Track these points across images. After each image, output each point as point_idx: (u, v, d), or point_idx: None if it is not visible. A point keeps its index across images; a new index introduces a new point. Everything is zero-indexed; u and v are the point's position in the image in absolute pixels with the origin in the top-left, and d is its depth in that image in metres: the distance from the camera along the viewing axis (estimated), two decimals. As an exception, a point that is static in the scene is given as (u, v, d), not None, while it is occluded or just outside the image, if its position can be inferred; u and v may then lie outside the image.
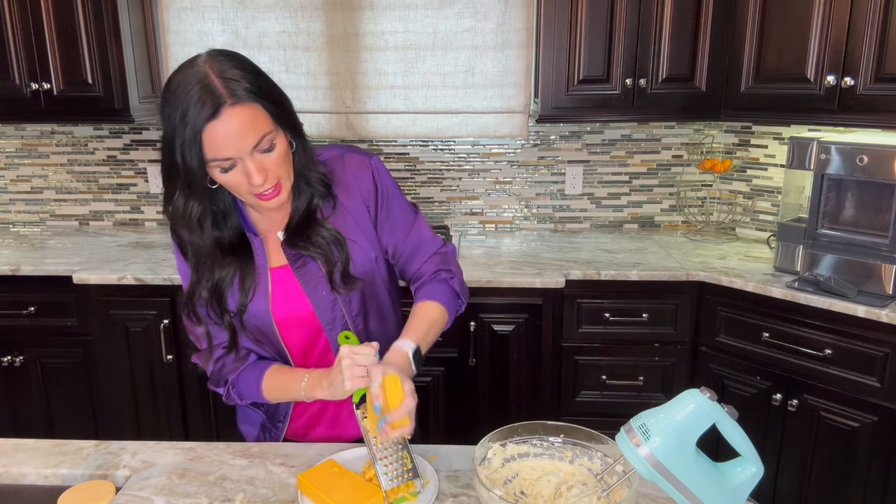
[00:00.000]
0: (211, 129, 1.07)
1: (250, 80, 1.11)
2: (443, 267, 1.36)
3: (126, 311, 2.39)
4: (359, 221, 1.31)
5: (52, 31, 2.51)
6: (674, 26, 2.42)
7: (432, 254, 1.37)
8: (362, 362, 1.15)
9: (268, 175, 1.13)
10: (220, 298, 1.26)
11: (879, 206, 2.10)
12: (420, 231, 1.37)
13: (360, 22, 2.73)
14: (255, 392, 1.30)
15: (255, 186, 1.13)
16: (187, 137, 1.07)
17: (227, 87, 1.08)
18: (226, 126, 1.07)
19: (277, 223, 1.29)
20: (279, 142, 1.14)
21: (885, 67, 2.05)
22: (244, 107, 1.08)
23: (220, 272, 1.25)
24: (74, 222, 3.12)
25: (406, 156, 2.94)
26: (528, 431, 1.19)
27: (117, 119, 2.63)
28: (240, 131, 1.08)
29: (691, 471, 0.93)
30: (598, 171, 2.93)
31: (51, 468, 1.24)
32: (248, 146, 1.10)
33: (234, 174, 1.12)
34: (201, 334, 1.31)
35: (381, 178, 1.33)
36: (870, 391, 2.01)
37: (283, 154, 1.15)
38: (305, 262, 1.28)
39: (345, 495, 1.11)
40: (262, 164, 1.13)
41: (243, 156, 1.10)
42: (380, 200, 1.32)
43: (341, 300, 1.29)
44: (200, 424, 2.50)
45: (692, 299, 2.37)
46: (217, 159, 1.10)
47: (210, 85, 1.07)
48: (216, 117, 1.07)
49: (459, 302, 1.37)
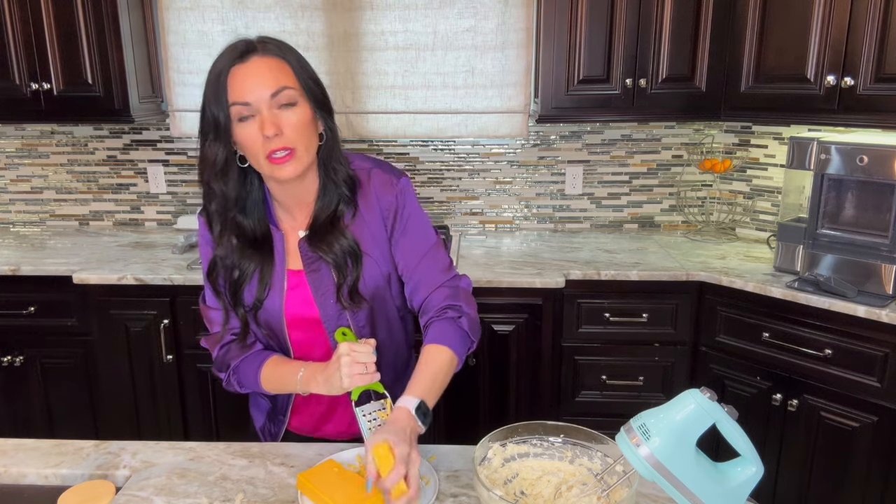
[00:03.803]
0: (236, 70, 1.16)
1: (282, 46, 1.21)
2: (451, 303, 1.29)
3: (126, 311, 2.39)
4: (375, 236, 1.31)
5: (52, 31, 2.51)
6: (674, 26, 2.42)
7: (440, 285, 1.31)
8: (361, 359, 1.16)
9: (281, 131, 1.16)
10: (238, 291, 1.28)
11: (879, 206, 2.09)
12: (433, 261, 1.32)
13: (360, 22, 2.73)
14: (254, 381, 1.31)
15: (266, 140, 1.16)
16: (214, 78, 1.17)
17: (260, 43, 1.19)
18: (249, 69, 1.16)
19: (301, 222, 1.31)
20: (301, 105, 1.19)
21: (885, 67, 2.05)
22: (272, 58, 1.18)
23: (240, 262, 1.27)
24: (74, 222, 3.12)
25: (406, 156, 2.94)
26: (528, 431, 1.19)
27: (117, 119, 2.63)
28: (261, 76, 1.16)
29: (691, 471, 0.93)
30: (598, 171, 2.93)
31: (51, 468, 1.24)
32: (267, 93, 1.15)
33: (250, 126, 1.17)
34: (214, 318, 1.34)
35: (404, 198, 1.31)
36: (869, 391, 2.01)
37: (304, 120, 1.19)
38: (319, 268, 1.29)
39: (345, 495, 1.11)
40: (278, 119, 1.17)
41: (261, 106, 1.16)
42: (398, 219, 1.31)
43: (348, 311, 1.30)
44: (200, 424, 2.50)
45: (692, 299, 2.37)
46: (237, 103, 1.16)
47: (246, 40, 1.20)
48: (243, 61, 1.16)
49: (469, 342, 1.30)
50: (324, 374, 1.20)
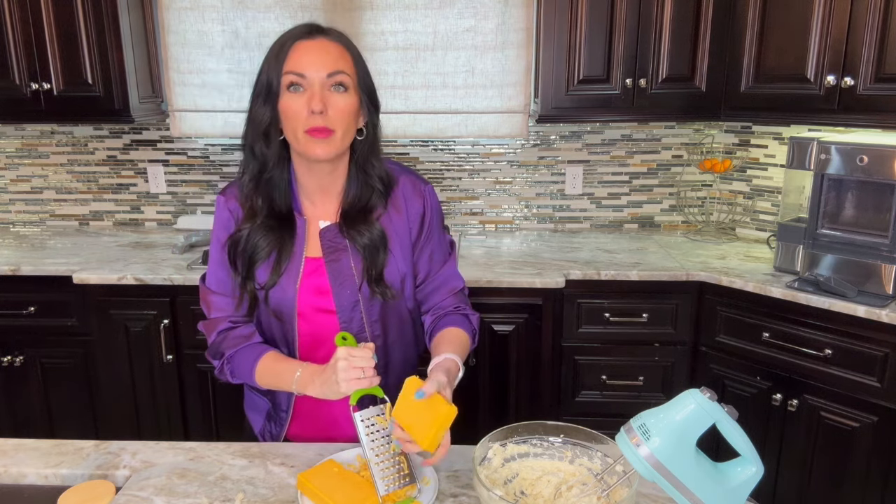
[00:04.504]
0: (300, 44, 1.22)
1: (347, 39, 1.27)
2: (462, 304, 1.41)
3: (126, 311, 2.39)
4: (401, 237, 1.34)
5: (52, 31, 2.51)
6: (674, 26, 2.43)
7: (457, 290, 1.41)
8: (359, 364, 1.15)
9: (326, 110, 1.20)
10: (252, 267, 1.30)
11: (879, 206, 2.09)
12: (452, 268, 1.42)
13: (360, 22, 2.73)
14: (249, 373, 1.30)
15: (311, 114, 1.20)
16: (278, 46, 1.23)
17: (329, 28, 1.26)
18: (312, 45, 1.22)
19: (322, 212, 1.33)
20: (351, 92, 1.24)
21: (885, 67, 2.05)
22: (336, 44, 1.24)
23: (261, 239, 1.29)
24: (74, 222, 3.12)
25: (406, 156, 2.94)
26: (528, 431, 1.19)
27: (117, 119, 2.63)
28: (323, 55, 1.21)
29: (691, 471, 0.93)
30: (598, 171, 2.93)
31: (51, 468, 1.24)
32: (324, 72, 1.20)
33: (298, 96, 1.21)
34: (214, 303, 1.34)
35: (431, 205, 1.38)
36: (870, 391, 2.01)
37: (350, 107, 1.23)
38: (339, 258, 1.31)
39: (345, 495, 1.11)
40: (327, 97, 1.21)
41: (314, 81, 1.20)
42: (424, 225, 1.37)
43: (363, 304, 1.31)
44: (200, 424, 2.50)
45: (692, 299, 2.37)
46: (293, 72, 1.20)
47: (315, 23, 1.26)
48: (309, 37, 1.23)
49: (476, 337, 1.41)
50: (321, 378, 1.19)
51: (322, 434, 1.40)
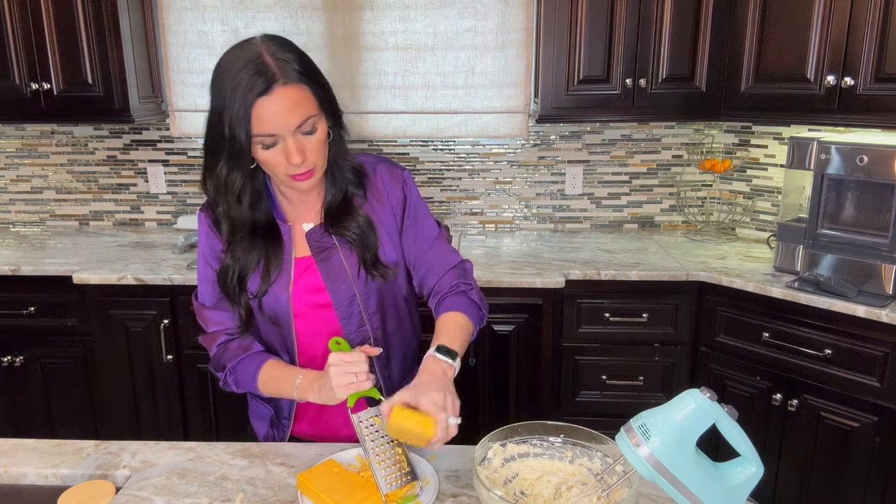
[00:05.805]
0: (261, 104, 1.12)
1: (301, 64, 1.17)
2: (461, 280, 1.38)
3: (126, 311, 2.39)
4: (385, 225, 1.35)
5: (52, 31, 2.51)
6: (674, 26, 2.42)
7: (452, 267, 1.39)
8: (351, 369, 1.16)
9: (306, 157, 1.18)
10: (243, 279, 1.30)
11: (879, 206, 2.09)
12: (442, 245, 1.40)
13: (359, 22, 2.73)
14: (252, 382, 1.31)
15: (292, 166, 1.18)
16: (238, 110, 1.12)
17: (280, 67, 1.13)
18: (276, 103, 1.13)
19: (304, 213, 1.34)
20: (320, 127, 1.20)
21: (885, 67, 2.05)
22: (294, 87, 1.15)
23: (247, 255, 1.29)
24: (74, 222, 3.12)
25: (406, 156, 2.94)
26: (528, 431, 1.19)
27: (117, 119, 2.63)
28: (288, 110, 1.14)
29: (691, 471, 0.93)
30: (598, 171, 2.93)
31: (51, 468, 1.24)
32: (293, 125, 1.15)
33: (274, 152, 1.17)
34: (209, 317, 1.36)
35: (410, 190, 1.38)
36: (870, 391, 2.01)
37: (322, 140, 1.21)
38: (329, 256, 1.31)
39: (345, 495, 1.11)
40: (302, 145, 1.18)
41: (286, 135, 1.16)
42: (407, 210, 1.37)
43: (360, 296, 1.32)
44: (200, 424, 2.50)
45: (692, 299, 2.37)
46: (262, 135, 1.15)
47: (264, 63, 1.13)
48: (268, 94, 1.12)
49: (481, 314, 1.37)
50: (318, 384, 1.21)
51: (324, 438, 1.41)
